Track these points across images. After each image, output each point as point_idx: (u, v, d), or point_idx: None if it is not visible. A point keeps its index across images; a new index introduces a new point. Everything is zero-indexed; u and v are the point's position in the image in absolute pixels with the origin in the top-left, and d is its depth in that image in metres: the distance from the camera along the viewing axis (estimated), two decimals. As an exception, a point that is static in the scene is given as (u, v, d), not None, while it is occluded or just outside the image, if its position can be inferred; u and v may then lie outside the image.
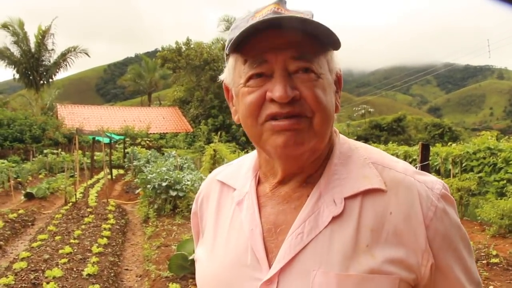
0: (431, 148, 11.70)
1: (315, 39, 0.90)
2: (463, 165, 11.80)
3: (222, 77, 1.04)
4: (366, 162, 0.97)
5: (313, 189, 0.94)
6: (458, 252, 0.92)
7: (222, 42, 43.31)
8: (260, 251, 0.93)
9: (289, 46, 0.88)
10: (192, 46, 36.76)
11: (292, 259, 0.89)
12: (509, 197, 8.56)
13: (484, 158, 11.35)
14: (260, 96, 0.89)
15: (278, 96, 0.86)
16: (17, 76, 36.09)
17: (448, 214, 0.91)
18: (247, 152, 17.15)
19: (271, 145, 0.90)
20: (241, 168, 1.11)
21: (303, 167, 0.96)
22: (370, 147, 1.03)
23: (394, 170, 0.95)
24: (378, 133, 39.58)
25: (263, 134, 0.91)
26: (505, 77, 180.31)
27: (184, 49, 36.70)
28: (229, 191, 1.09)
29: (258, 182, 1.04)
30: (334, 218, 0.89)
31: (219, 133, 20.33)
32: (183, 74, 37.55)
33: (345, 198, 0.91)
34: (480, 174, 11.06)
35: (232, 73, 0.97)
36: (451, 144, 13.65)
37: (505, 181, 10.39)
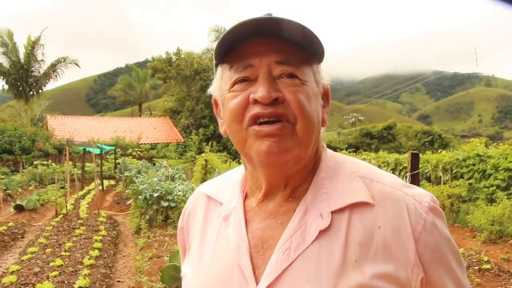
0: (421, 156, 11.79)
1: (301, 48, 0.91)
2: (453, 172, 11.90)
3: (210, 90, 1.05)
4: (353, 176, 0.95)
5: (299, 204, 0.93)
6: (448, 265, 0.90)
7: (212, 52, 43.47)
8: (247, 267, 0.91)
9: (273, 51, 0.90)
10: (182, 56, 36.74)
11: (280, 275, 0.87)
12: (499, 203, 8.63)
13: (474, 164, 11.46)
14: (244, 99, 0.90)
15: (261, 96, 0.87)
16: (6, 87, 35.76)
17: (437, 227, 0.90)
18: (238, 161, 17.13)
19: (255, 151, 0.89)
20: (228, 182, 1.10)
21: (287, 177, 0.95)
22: (358, 161, 1.03)
23: (381, 183, 0.94)
24: (368, 141, 39.73)
25: (247, 139, 0.90)
26: (493, 85, 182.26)
27: (174, 59, 36.67)
28: (216, 206, 1.07)
29: (246, 197, 1.03)
30: (322, 232, 0.88)
31: (210, 143, 20.29)
32: (173, 84, 37.48)
33: (332, 212, 0.90)
34: (470, 181, 11.17)
35: (220, 82, 0.98)
36: (441, 151, 13.77)
37: (494, 187, 10.49)
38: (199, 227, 1.08)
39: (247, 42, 0.91)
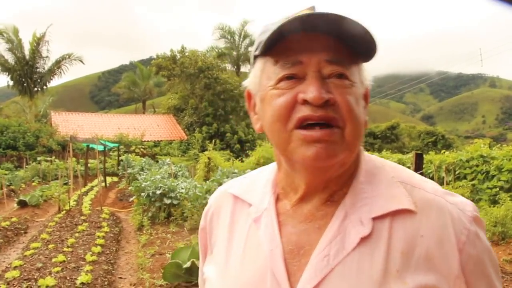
0: (424, 156, 11.76)
1: (351, 47, 0.85)
2: (457, 172, 11.87)
3: (245, 82, 0.99)
4: (393, 181, 0.91)
5: (338, 208, 0.88)
6: (489, 278, 0.87)
7: (216, 50, 43.57)
8: (281, 273, 0.86)
9: (324, 49, 0.85)
10: (186, 54, 36.79)
11: (319, 283, 0.82)
12: (502, 205, 8.61)
13: (477, 166, 11.42)
14: (292, 98, 0.84)
15: (312, 97, 0.81)
16: (11, 83, 35.95)
17: (480, 237, 0.86)
18: (241, 160, 17.15)
19: (299, 155, 0.84)
20: (256, 182, 1.04)
21: (328, 181, 0.90)
22: (396, 165, 0.99)
23: (423, 190, 0.89)
24: (372, 141, 39.65)
25: (291, 142, 0.85)
26: (497, 86, 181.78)
27: (178, 57, 36.72)
28: (244, 206, 1.02)
29: (277, 198, 0.97)
30: (362, 240, 0.83)
31: (213, 141, 20.36)
32: (177, 82, 37.53)
33: (373, 219, 0.85)
34: (473, 182, 11.13)
35: (260, 76, 0.92)
36: (444, 152, 13.73)
37: (497, 189, 10.45)
38: (225, 228, 1.02)
39: (296, 36, 0.85)
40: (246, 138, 34.20)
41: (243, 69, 45.35)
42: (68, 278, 5.85)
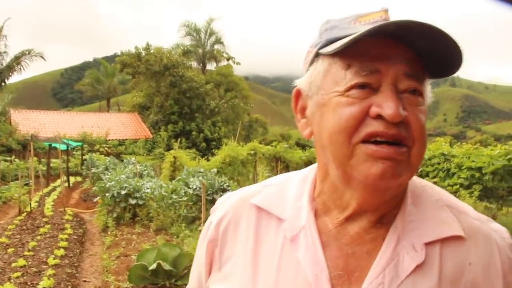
0: (388, 154, 12.00)
1: (428, 60, 0.79)
2: (419, 170, 12.17)
3: (298, 81, 0.90)
4: (439, 204, 0.87)
5: (389, 231, 0.83)
6: None
7: (182, 48, 43.25)
8: None
9: (403, 60, 0.77)
10: (152, 51, 36.40)
11: None
12: (463, 201, 8.88)
13: (439, 163, 11.75)
14: (363, 109, 0.76)
15: (391, 114, 0.74)
16: (-33, 79, 34.67)
17: None
18: (207, 158, 17.09)
19: (362, 172, 0.76)
20: (286, 192, 0.94)
21: (382, 203, 0.83)
22: (435, 186, 0.95)
23: (469, 216, 0.87)
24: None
25: (354, 156, 0.77)
26: (457, 85, 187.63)
27: (143, 54, 36.30)
28: (271, 220, 0.91)
29: (315, 214, 0.89)
30: (417, 267, 0.79)
31: (179, 139, 20.20)
32: (142, 80, 37.11)
33: (425, 244, 0.81)
34: (435, 179, 11.44)
35: (322, 78, 0.83)
36: (407, 150, 14.06)
37: (458, 186, 10.78)
38: (248, 245, 0.90)
39: (372, 41, 0.76)
40: (212, 137, 34.15)
41: (209, 66, 45.30)
42: (29, 283, 5.69)
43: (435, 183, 8.85)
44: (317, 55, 0.84)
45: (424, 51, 0.77)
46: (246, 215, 0.93)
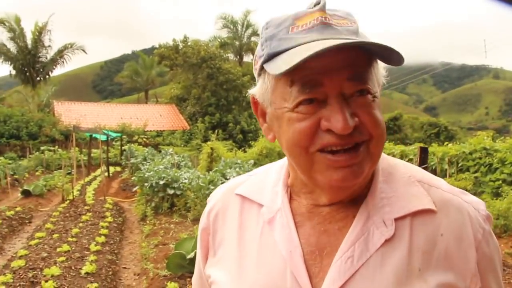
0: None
1: (366, 52, 0.80)
2: (459, 165, 11.88)
3: (252, 91, 0.92)
4: (411, 180, 0.91)
5: (359, 209, 0.87)
6: (497, 274, 0.90)
7: (219, 40, 43.39)
8: (302, 275, 0.84)
9: (343, 65, 0.78)
10: (189, 43, 36.66)
11: (343, 285, 0.81)
12: (504, 197, 8.63)
13: (480, 158, 11.44)
14: (313, 124, 0.79)
15: (340, 128, 0.76)
16: (13, 72, 35.91)
17: (492, 236, 0.88)
18: (244, 150, 17.16)
19: (325, 179, 0.81)
20: (265, 181, 1.01)
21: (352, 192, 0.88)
22: (408, 164, 0.98)
23: (440, 189, 0.90)
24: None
25: (314, 164, 0.81)
26: (501, 77, 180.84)
27: (181, 46, 36.60)
28: (252, 207, 0.98)
29: (290, 198, 0.94)
30: (386, 241, 0.83)
31: (216, 131, 20.31)
32: (180, 72, 37.43)
33: (395, 219, 0.85)
34: (476, 174, 11.15)
35: (271, 92, 0.85)
36: (447, 144, 13.73)
37: (500, 182, 10.48)
38: (233, 230, 0.98)
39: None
40: (249, 129, 34.18)
41: (245, 58, 45.18)
42: (73, 267, 5.90)
43: (476, 178, 8.58)
44: (263, 67, 0.85)
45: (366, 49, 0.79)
46: (232, 204, 1.02)
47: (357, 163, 0.80)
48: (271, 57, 0.82)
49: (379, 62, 0.85)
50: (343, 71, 0.78)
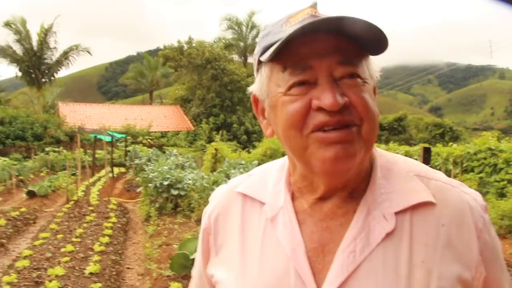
0: (432, 149, 11.73)
1: (357, 43, 0.83)
2: (464, 165, 11.84)
3: (251, 89, 0.97)
4: (410, 175, 0.92)
5: (359, 205, 0.89)
6: (501, 262, 0.91)
7: (224, 41, 43.46)
8: (306, 272, 0.86)
9: (333, 50, 0.82)
10: (194, 44, 36.77)
11: (346, 280, 0.83)
12: (509, 198, 8.61)
13: (485, 158, 11.39)
14: (305, 104, 0.82)
15: (329, 104, 0.79)
16: (19, 74, 36.04)
17: (491, 225, 0.90)
18: (248, 151, 17.17)
19: (318, 158, 0.83)
20: (266, 179, 1.02)
21: (348, 181, 0.89)
22: (407, 159, 1.00)
23: (440, 181, 0.92)
24: (379, 133, 39.31)
25: (308, 146, 0.83)
26: (507, 77, 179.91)
27: (186, 47, 36.72)
28: (254, 205, 0.99)
29: (292, 197, 0.96)
30: (387, 235, 0.85)
31: (220, 132, 20.37)
32: (184, 73, 37.54)
33: (396, 213, 0.86)
34: (480, 175, 11.11)
35: (267, 83, 0.90)
36: (452, 144, 13.68)
37: (505, 182, 10.43)
38: (236, 229, 0.99)
39: (301, 40, 0.81)
40: (253, 129, 34.20)
41: (250, 60, 45.17)
42: (77, 268, 5.93)
43: (480, 178, 8.58)
44: (260, 62, 0.91)
45: (354, 36, 0.82)
46: (234, 203, 1.03)
47: (348, 141, 0.81)
48: (265, 49, 0.87)
49: (372, 58, 0.90)
50: (333, 55, 0.82)
